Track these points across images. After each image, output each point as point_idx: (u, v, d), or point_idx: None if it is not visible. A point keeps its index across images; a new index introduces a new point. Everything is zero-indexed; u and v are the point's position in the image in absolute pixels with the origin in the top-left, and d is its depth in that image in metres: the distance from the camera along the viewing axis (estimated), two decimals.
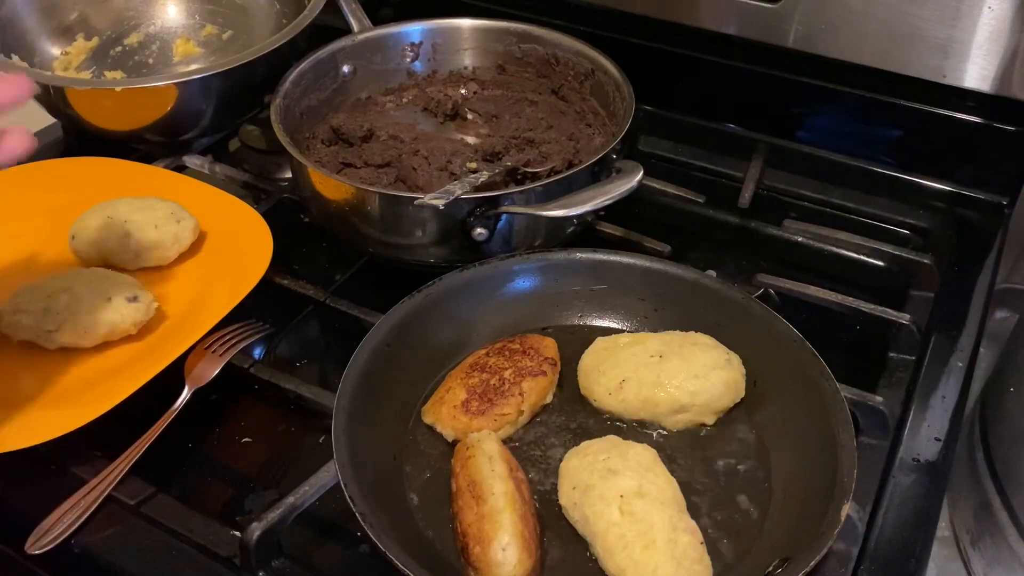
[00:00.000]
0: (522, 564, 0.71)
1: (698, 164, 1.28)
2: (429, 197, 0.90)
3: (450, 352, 0.93)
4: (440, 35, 1.24)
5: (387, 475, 0.82)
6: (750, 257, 1.12)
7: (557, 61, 1.21)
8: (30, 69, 1.23)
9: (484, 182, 1.00)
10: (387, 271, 1.05)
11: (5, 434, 0.82)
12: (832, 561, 0.77)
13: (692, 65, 1.28)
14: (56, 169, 1.13)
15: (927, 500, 0.82)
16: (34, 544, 0.77)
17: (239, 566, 0.77)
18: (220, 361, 0.92)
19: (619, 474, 0.76)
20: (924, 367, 0.94)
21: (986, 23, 1.06)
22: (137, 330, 0.93)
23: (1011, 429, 0.85)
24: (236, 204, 1.06)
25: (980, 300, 1.03)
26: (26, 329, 0.91)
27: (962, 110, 1.15)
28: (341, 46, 1.19)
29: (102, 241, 1.00)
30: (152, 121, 1.14)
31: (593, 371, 0.89)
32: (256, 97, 1.20)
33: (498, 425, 0.85)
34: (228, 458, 0.92)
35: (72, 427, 0.82)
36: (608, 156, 1.01)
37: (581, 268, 0.97)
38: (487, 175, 1.02)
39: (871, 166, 1.21)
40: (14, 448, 0.80)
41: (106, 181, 1.10)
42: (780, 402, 0.86)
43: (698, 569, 0.72)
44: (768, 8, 1.16)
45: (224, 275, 0.99)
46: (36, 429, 0.82)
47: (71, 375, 0.91)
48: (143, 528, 0.81)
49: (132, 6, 1.37)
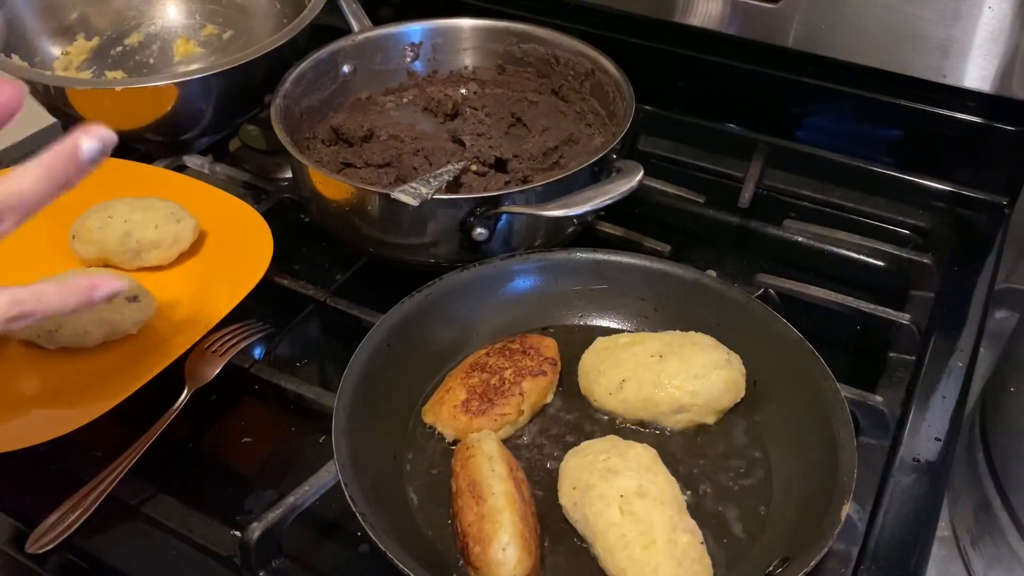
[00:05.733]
0: (522, 564, 0.71)
1: (698, 164, 1.28)
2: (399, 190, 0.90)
3: (450, 352, 0.93)
4: (440, 35, 1.24)
5: (387, 475, 0.82)
6: (750, 257, 1.12)
7: (557, 61, 1.21)
8: (30, 69, 1.23)
9: (455, 175, 1.01)
10: (387, 271, 1.05)
11: (5, 434, 0.82)
12: (832, 561, 0.77)
13: (692, 65, 1.28)
14: None
15: (927, 500, 0.82)
16: (34, 544, 0.77)
17: (239, 566, 0.77)
18: (220, 361, 0.92)
19: (619, 474, 0.76)
20: (924, 367, 0.94)
21: (986, 23, 1.06)
22: (137, 330, 0.93)
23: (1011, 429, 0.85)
24: (236, 204, 1.06)
25: (980, 300, 1.03)
26: (26, 329, 0.91)
27: (962, 110, 1.15)
28: (341, 46, 1.19)
29: (102, 241, 1.00)
30: (152, 121, 1.14)
31: (593, 371, 0.89)
32: (256, 97, 1.20)
33: (498, 425, 0.85)
34: (228, 458, 0.92)
35: (72, 427, 0.82)
36: (608, 156, 1.01)
37: (581, 268, 0.97)
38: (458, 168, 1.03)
39: (871, 166, 1.21)
40: (14, 448, 0.80)
41: (106, 181, 1.09)
42: (780, 402, 0.86)
43: (698, 569, 0.72)
44: (768, 8, 1.16)
45: (224, 275, 0.99)
46: (36, 429, 0.83)
47: (71, 375, 0.90)
48: (143, 528, 0.81)
49: (132, 6, 1.37)
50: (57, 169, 0.59)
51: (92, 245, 1.00)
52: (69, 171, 0.59)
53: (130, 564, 0.78)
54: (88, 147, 0.59)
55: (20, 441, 0.81)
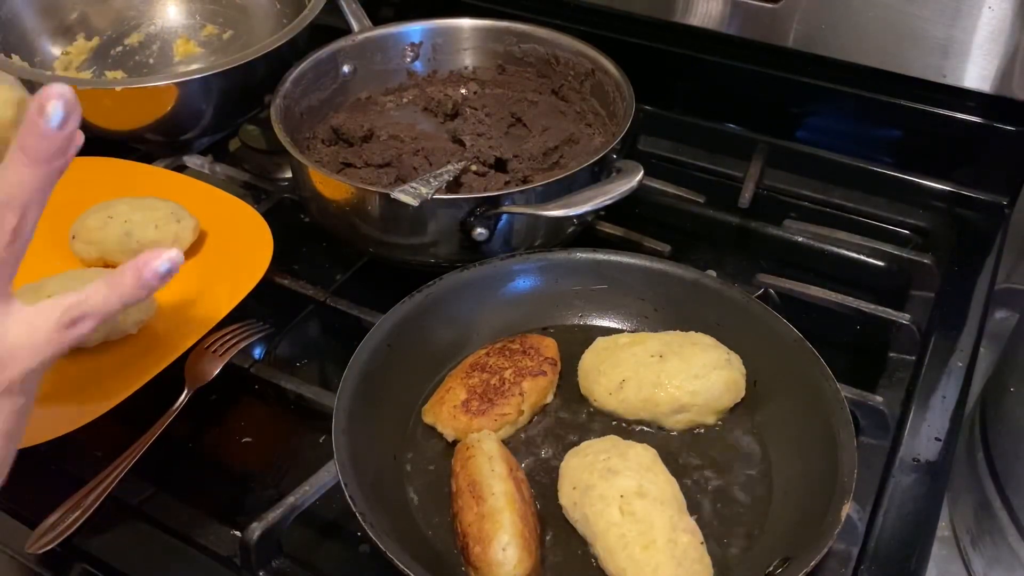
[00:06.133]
0: (522, 564, 0.71)
1: (698, 164, 1.28)
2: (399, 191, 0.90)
3: (450, 352, 0.93)
4: (440, 35, 1.24)
5: (387, 475, 0.82)
6: (750, 257, 1.12)
7: (557, 61, 1.21)
8: (30, 69, 1.23)
9: (456, 175, 1.01)
10: (387, 271, 1.05)
11: None
12: (832, 561, 0.77)
13: (692, 65, 1.28)
14: None
15: (927, 500, 0.82)
16: (34, 544, 0.77)
17: (239, 566, 0.77)
18: (220, 361, 0.92)
19: (619, 474, 0.76)
20: (924, 367, 0.94)
21: (986, 23, 1.05)
22: (137, 330, 0.93)
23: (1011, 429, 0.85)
24: (236, 204, 1.06)
25: (980, 300, 1.03)
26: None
27: (962, 110, 1.14)
28: (341, 46, 1.19)
29: (102, 241, 1.00)
30: (152, 121, 1.14)
31: (593, 371, 0.89)
32: (256, 97, 1.20)
33: (498, 425, 0.85)
34: (228, 458, 0.92)
35: (72, 427, 0.82)
36: (608, 156, 1.01)
37: (581, 268, 0.97)
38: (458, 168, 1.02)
39: (871, 166, 1.21)
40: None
41: (106, 181, 1.10)
42: (780, 402, 0.86)
43: (698, 569, 0.72)
44: (768, 8, 1.16)
45: (224, 275, 0.99)
46: (36, 429, 0.82)
47: (71, 375, 0.90)
48: (143, 528, 0.81)
49: (132, 6, 1.37)
50: (32, 147, 0.54)
51: (92, 245, 1.00)
52: (43, 146, 0.54)
53: (130, 564, 0.78)
54: (53, 113, 0.54)
55: (20, 441, 0.81)
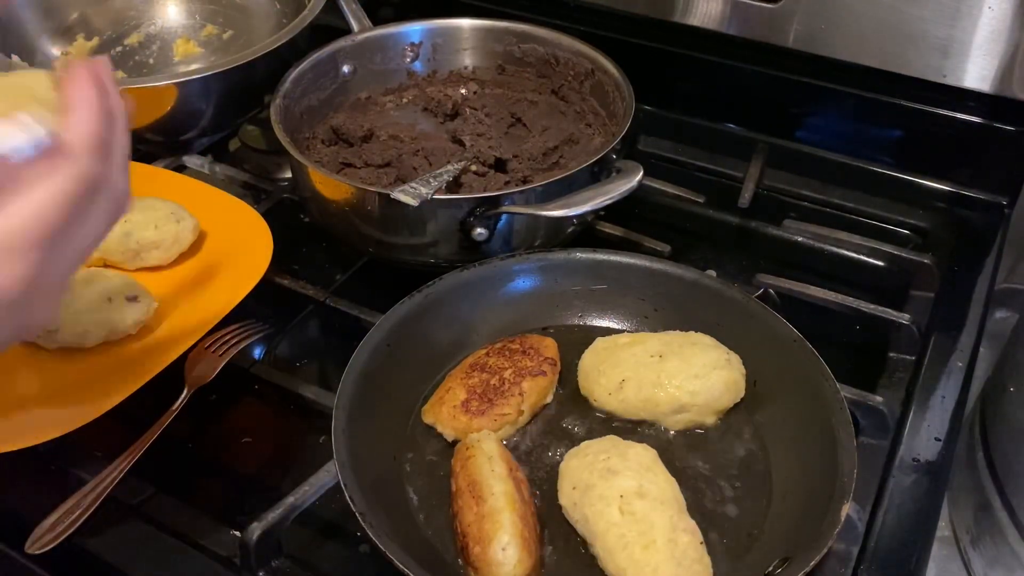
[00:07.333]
0: (522, 564, 0.71)
1: (698, 164, 1.28)
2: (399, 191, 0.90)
3: (450, 352, 0.93)
4: (440, 35, 1.24)
5: (387, 475, 0.82)
6: (750, 257, 1.12)
7: (557, 61, 1.21)
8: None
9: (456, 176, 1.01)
10: (387, 271, 1.05)
11: (5, 434, 0.82)
12: (832, 561, 0.77)
13: (692, 65, 1.28)
14: None
15: (927, 500, 0.82)
16: (34, 544, 0.77)
17: (239, 566, 0.77)
18: (220, 361, 0.92)
19: (619, 474, 0.76)
20: (924, 367, 0.94)
21: (986, 23, 1.06)
22: (137, 330, 0.93)
23: (1011, 429, 0.85)
24: (236, 204, 1.06)
25: (980, 300, 1.03)
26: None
27: (962, 110, 1.14)
28: (341, 46, 1.19)
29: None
30: (152, 121, 1.14)
31: (593, 371, 0.89)
32: (256, 97, 1.20)
33: (498, 425, 0.85)
34: (228, 458, 0.92)
35: (72, 427, 0.81)
36: (608, 156, 1.01)
37: (581, 268, 0.97)
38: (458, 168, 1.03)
39: (871, 166, 1.21)
40: (14, 448, 0.80)
41: None
42: (780, 402, 0.86)
43: (698, 569, 0.72)
44: (768, 8, 1.16)
45: (224, 275, 0.99)
46: (36, 429, 0.82)
47: (71, 375, 0.90)
48: (143, 528, 0.81)
49: (132, 6, 1.38)
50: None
51: None
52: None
53: (130, 564, 0.78)
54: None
55: (20, 441, 0.81)
